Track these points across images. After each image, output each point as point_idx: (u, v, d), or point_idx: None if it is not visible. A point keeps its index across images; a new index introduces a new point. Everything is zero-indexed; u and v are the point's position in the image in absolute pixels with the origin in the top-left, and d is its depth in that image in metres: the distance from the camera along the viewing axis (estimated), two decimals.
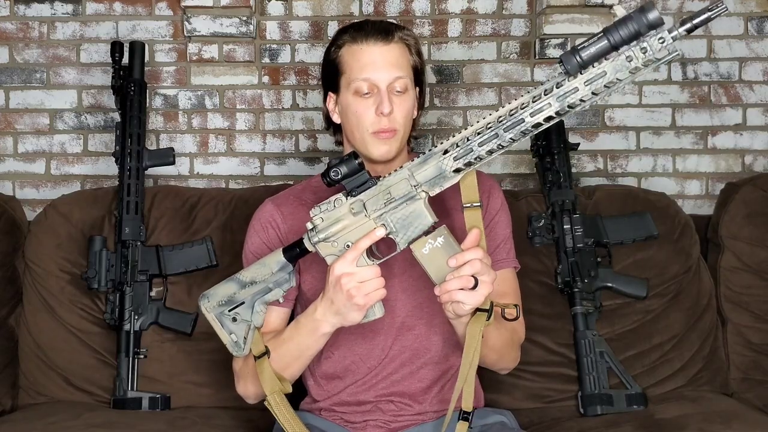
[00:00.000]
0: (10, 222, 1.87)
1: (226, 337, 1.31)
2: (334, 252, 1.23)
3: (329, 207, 1.23)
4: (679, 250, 1.85)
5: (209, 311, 1.31)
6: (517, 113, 1.11)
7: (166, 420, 1.61)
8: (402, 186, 1.20)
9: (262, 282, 1.29)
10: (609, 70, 1.04)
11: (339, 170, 1.20)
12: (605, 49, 1.02)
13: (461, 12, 2.28)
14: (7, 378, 1.80)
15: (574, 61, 1.04)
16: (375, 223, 1.21)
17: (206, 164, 2.27)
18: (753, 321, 1.86)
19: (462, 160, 1.16)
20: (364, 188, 1.21)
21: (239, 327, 1.30)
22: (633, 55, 1.02)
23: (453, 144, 1.17)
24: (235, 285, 1.30)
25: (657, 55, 1.01)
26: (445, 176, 1.18)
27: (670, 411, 1.61)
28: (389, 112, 1.36)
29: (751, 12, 2.29)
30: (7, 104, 2.24)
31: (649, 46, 1.01)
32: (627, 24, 1.00)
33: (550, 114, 1.10)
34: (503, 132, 1.12)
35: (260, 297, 1.30)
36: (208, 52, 2.23)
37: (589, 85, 1.06)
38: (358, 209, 1.21)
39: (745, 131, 2.30)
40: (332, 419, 1.45)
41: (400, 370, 1.42)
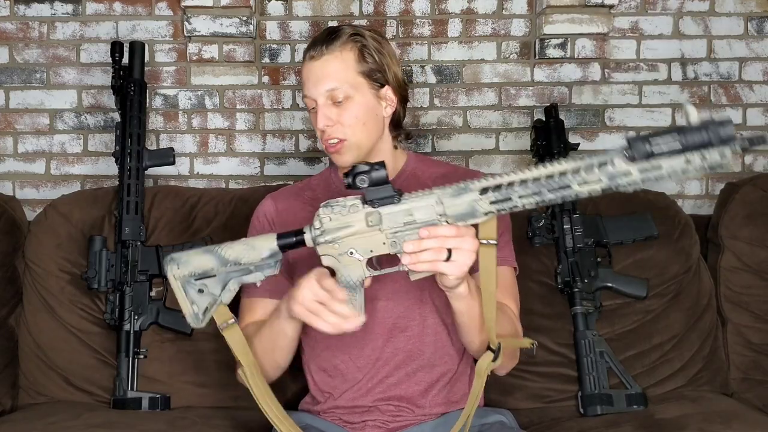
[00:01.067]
0: (10, 222, 1.87)
1: (188, 306, 1.23)
2: (334, 254, 1.19)
3: (342, 210, 1.18)
4: (679, 250, 1.85)
5: (176, 278, 1.23)
6: (567, 177, 1.07)
7: (166, 420, 1.61)
8: (426, 211, 1.15)
9: (247, 264, 1.22)
10: (665, 166, 1.04)
11: (365, 178, 1.16)
12: (675, 151, 1.03)
13: (461, 12, 2.28)
14: (7, 378, 1.80)
15: (644, 150, 1.03)
16: (387, 238, 1.17)
17: (206, 164, 2.27)
18: (753, 321, 1.86)
19: (497, 205, 1.12)
20: (385, 202, 1.17)
21: (203, 299, 1.23)
22: (692, 160, 1.03)
23: (493, 187, 1.12)
24: (214, 260, 1.22)
25: (712, 164, 1.03)
26: (475, 215, 1.14)
27: (670, 411, 1.61)
28: (324, 125, 1.39)
29: (751, 12, 2.29)
30: (7, 104, 2.24)
31: (709, 156, 1.02)
32: (702, 133, 1.02)
33: (596, 189, 1.07)
34: (547, 192, 1.08)
35: (237, 276, 1.23)
36: (208, 52, 2.23)
37: (642, 173, 1.05)
38: (375, 222, 1.17)
39: (745, 131, 2.30)
40: (331, 419, 1.45)
41: (395, 374, 1.42)
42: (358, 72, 1.40)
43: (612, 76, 2.28)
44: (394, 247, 1.18)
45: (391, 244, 1.17)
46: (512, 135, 2.28)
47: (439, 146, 2.27)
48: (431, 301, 1.42)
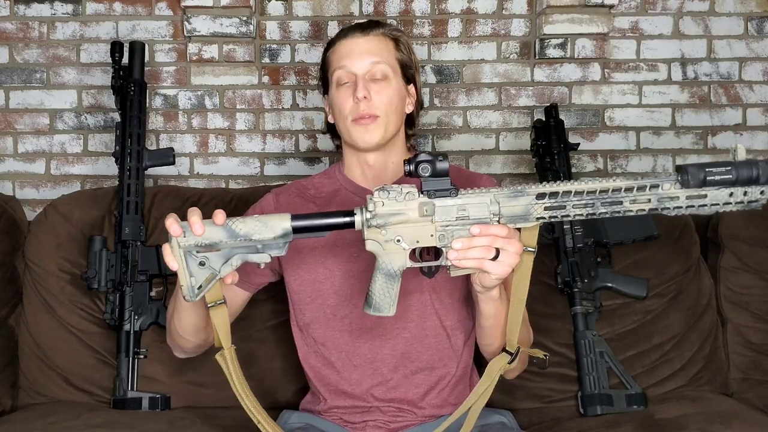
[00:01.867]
0: (10, 222, 1.87)
1: (186, 278, 1.18)
2: (380, 240, 1.17)
3: (398, 196, 1.16)
4: (679, 250, 1.85)
5: (180, 247, 1.18)
6: (620, 194, 1.12)
7: (166, 420, 1.61)
8: (480, 209, 1.16)
9: (257, 241, 1.17)
10: (710, 196, 1.10)
11: (428, 167, 1.15)
12: (726, 183, 1.09)
13: (461, 12, 2.28)
14: (7, 378, 1.80)
15: (699, 178, 1.09)
16: (436, 230, 1.17)
17: (206, 164, 2.27)
18: (753, 321, 1.86)
19: (551, 212, 1.14)
20: (441, 194, 1.17)
21: (202, 272, 1.19)
22: (736, 193, 1.10)
23: (550, 193, 1.14)
24: (223, 232, 1.17)
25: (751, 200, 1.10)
26: (527, 219, 1.16)
27: (670, 411, 1.61)
28: (364, 97, 1.39)
29: (751, 12, 2.29)
30: (7, 104, 2.24)
31: (751, 192, 1.09)
32: (753, 170, 1.08)
33: (644, 208, 1.13)
34: (599, 205, 1.13)
35: (243, 253, 1.19)
36: (208, 52, 2.23)
37: (689, 199, 1.11)
38: (429, 212, 1.16)
39: (745, 131, 2.30)
40: (332, 419, 1.45)
41: (393, 375, 1.42)
42: (395, 58, 1.45)
43: (612, 76, 2.28)
44: (441, 240, 1.17)
45: (439, 237, 1.17)
46: (512, 135, 2.28)
47: (439, 146, 2.27)
48: (431, 304, 1.42)
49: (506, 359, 1.26)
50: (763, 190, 1.08)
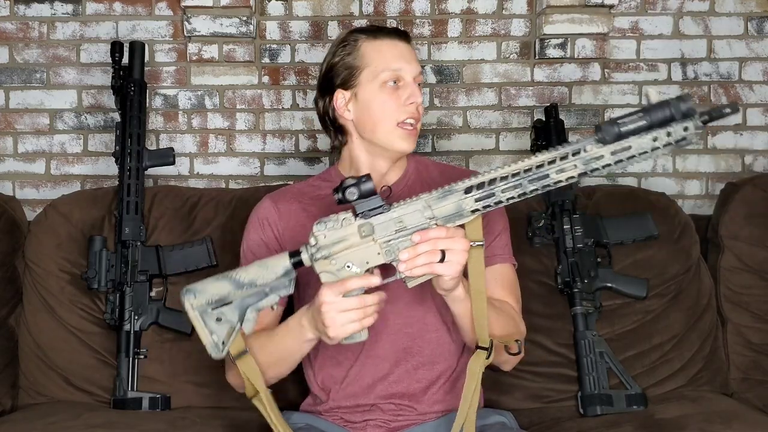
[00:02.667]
0: (10, 222, 1.87)
1: (207, 337, 1.22)
2: (332, 270, 1.21)
3: (336, 225, 1.20)
4: (679, 250, 1.85)
5: (194, 308, 1.22)
6: (544, 168, 1.13)
7: (166, 420, 1.61)
8: (415, 217, 1.19)
9: (262, 285, 1.23)
10: (634, 145, 1.10)
11: (354, 191, 1.18)
12: (642, 128, 1.09)
13: (461, 12, 2.28)
14: (7, 378, 1.80)
15: (614, 131, 1.10)
16: (380, 248, 1.20)
17: (206, 164, 2.27)
18: (753, 321, 1.86)
19: (482, 202, 1.17)
20: (375, 212, 1.20)
21: (222, 327, 1.22)
22: (658, 136, 1.09)
23: (476, 185, 1.17)
24: (230, 284, 1.22)
25: (677, 138, 1.09)
26: (462, 215, 1.18)
27: (670, 411, 1.61)
28: (420, 101, 1.41)
29: (751, 12, 2.29)
30: (7, 104, 2.24)
31: (674, 131, 1.09)
32: (665, 109, 1.08)
33: (573, 175, 1.13)
34: (527, 183, 1.14)
35: (254, 302, 1.23)
36: (208, 52, 2.23)
37: (614, 155, 1.11)
38: (368, 232, 1.20)
39: (745, 131, 2.30)
40: (333, 419, 1.45)
41: (395, 371, 1.42)
42: None
43: (612, 76, 2.28)
44: (388, 255, 1.20)
45: (386, 253, 1.20)
46: (512, 135, 2.28)
47: (439, 146, 2.27)
48: (431, 299, 1.42)
49: (483, 356, 1.26)
50: (686, 126, 1.07)
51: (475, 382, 1.26)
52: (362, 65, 1.42)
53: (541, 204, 1.88)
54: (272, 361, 1.34)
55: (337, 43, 1.47)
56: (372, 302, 1.20)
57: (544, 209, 1.86)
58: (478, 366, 1.27)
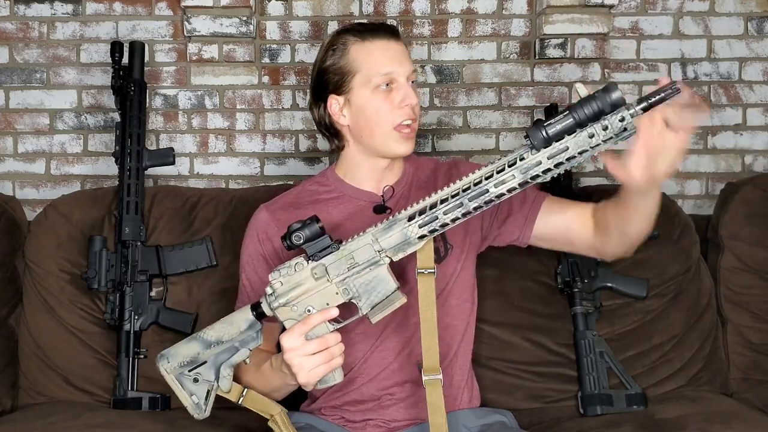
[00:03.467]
0: (10, 222, 1.87)
1: (187, 399, 1.26)
2: (294, 317, 1.21)
3: (289, 271, 1.21)
4: (679, 250, 1.85)
5: (169, 372, 1.26)
6: (481, 184, 1.13)
7: (166, 420, 1.61)
8: (365, 251, 1.20)
9: (229, 341, 1.24)
10: (571, 145, 1.08)
11: (301, 235, 1.19)
12: (570, 126, 1.07)
13: (461, 12, 2.27)
14: (7, 378, 1.80)
15: (540, 136, 1.08)
16: (337, 287, 1.20)
17: (206, 164, 2.27)
18: (753, 321, 1.86)
19: (427, 227, 1.17)
20: (326, 252, 1.20)
21: (200, 388, 1.26)
22: (595, 132, 1.07)
23: (417, 211, 1.17)
24: (198, 345, 1.25)
25: (616, 131, 1.06)
26: (410, 242, 1.19)
27: (670, 411, 1.61)
28: (415, 102, 1.39)
29: (751, 12, 2.29)
30: (7, 104, 2.24)
31: (610, 124, 1.06)
32: (591, 103, 1.05)
33: (514, 185, 1.12)
34: (468, 201, 1.14)
35: (226, 358, 1.24)
36: (208, 52, 2.23)
37: (551, 159, 1.09)
38: (321, 274, 1.20)
39: (745, 131, 2.30)
40: (332, 419, 1.45)
41: (393, 375, 1.42)
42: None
43: (612, 76, 2.28)
44: (346, 294, 1.21)
45: (343, 291, 1.21)
46: (512, 135, 2.28)
47: (439, 146, 2.27)
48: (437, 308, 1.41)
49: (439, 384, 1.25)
50: (621, 116, 1.05)
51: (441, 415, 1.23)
52: (353, 70, 1.39)
53: None
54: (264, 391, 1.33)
55: (326, 46, 1.44)
56: (335, 342, 1.20)
57: None
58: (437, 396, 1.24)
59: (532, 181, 1.12)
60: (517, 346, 1.77)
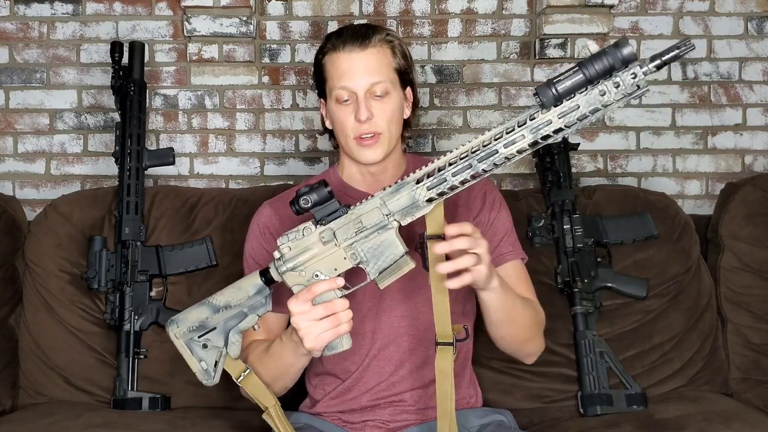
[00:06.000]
0: (10, 222, 1.87)
1: (196, 364, 1.25)
2: (302, 282, 1.21)
3: (297, 235, 1.20)
4: (679, 250, 1.85)
5: (178, 337, 1.25)
6: (490, 144, 1.11)
7: (166, 420, 1.61)
8: (374, 215, 1.18)
9: (237, 306, 1.24)
10: (582, 103, 1.05)
11: (309, 198, 1.18)
12: (580, 83, 1.04)
13: (461, 12, 2.27)
14: (7, 378, 1.80)
15: (549, 93, 1.04)
16: (345, 252, 1.19)
17: (206, 164, 2.27)
18: (753, 321, 1.86)
19: (435, 189, 1.15)
20: (333, 216, 1.19)
21: (209, 354, 1.25)
22: (606, 89, 1.03)
23: (426, 174, 1.16)
24: (207, 309, 1.25)
25: (628, 89, 1.03)
26: (418, 206, 1.17)
27: (670, 411, 1.61)
28: (366, 119, 1.37)
29: (751, 12, 2.29)
30: (7, 104, 2.24)
31: (621, 81, 1.03)
32: (602, 59, 1.02)
33: (524, 146, 1.10)
34: (477, 162, 1.12)
35: (234, 324, 1.24)
36: (208, 52, 2.23)
37: (562, 117, 1.06)
38: (328, 238, 1.19)
39: (745, 131, 2.30)
40: (331, 420, 1.45)
41: (394, 373, 1.42)
42: (393, 68, 1.42)
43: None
44: (354, 259, 1.20)
45: (351, 256, 1.20)
46: None
47: (439, 146, 2.27)
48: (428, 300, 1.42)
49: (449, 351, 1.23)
50: (633, 73, 1.02)
51: (448, 382, 1.23)
52: (325, 78, 1.43)
53: (541, 204, 1.88)
54: (274, 375, 1.33)
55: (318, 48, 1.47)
56: (342, 308, 1.19)
57: (544, 209, 1.86)
58: (447, 363, 1.23)
59: (543, 141, 1.09)
60: None
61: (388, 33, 1.43)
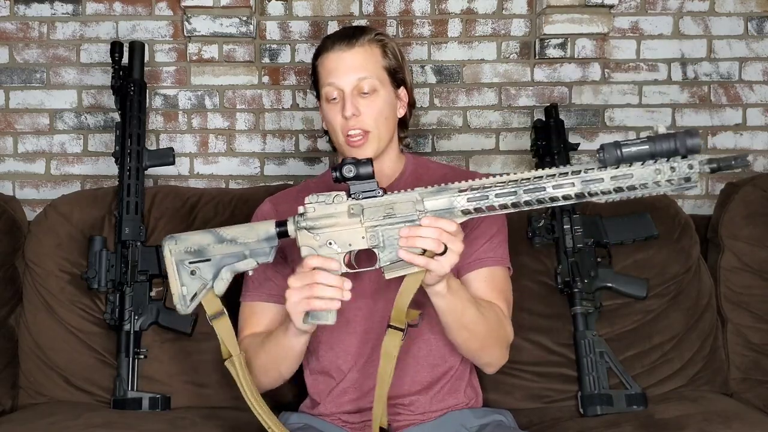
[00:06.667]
0: (10, 222, 1.87)
1: (177, 287, 1.24)
2: (313, 245, 1.21)
3: (327, 199, 1.22)
4: (679, 250, 1.85)
5: (172, 254, 1.24)
6: (542, 180, 1.13)
7: (166, 420, 1.61)
8: (407, 207, 1.19)
9: (242, 245, 1.23)
10: (636, 174, 1.09)
11: (352, 168, 1.20)
12: (644, 154, 1.09)
13: (461, 12, 2.27)
14: (7, 378, 1.80)
15: (615, 153, 1.09)
16: (366, 231, 1.20)
17: (206, 164, 2.27)
18: (753, 321, 1.86)
19: (474, 203, 1.17)
20: (368, 195, 1.21)
21: (194, 282, 1.24)
22: (662, 169, 1.08)
23: (470, 186, 1.17)
24: (211, 237, 1.24)
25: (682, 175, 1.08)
26: (452, 212, 1.18)
27: (670, 411, 1.61)
28: (351, 115, 1.39)
29: (751, 12, 2.29)
30: (7, 104, 2.24)
31: (678, 166, 1.08)
32: (671, 140, 1.07)
33: (569, 193, 1.13)
34: (522, 192, 1.14)
35: (231, 262, 1.24)
36: (208, 52, 2.23)
37: (613, 180, 1.10)
38: (357, 212, 1.20)
39: (745, 131, 2.30)
40: (330, 420, 1.45)
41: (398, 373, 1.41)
42: (383, 67, 1.44)
43: (612, 76, 2.28)
44: (372, 241, 1.20)
45: (370, 237, 1.20)
46: (512, 135, 2.28)
47: (439, 146, 2.27)
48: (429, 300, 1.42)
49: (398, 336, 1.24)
50: (690, 164, 1.07)
51: (390, 364, 1.24)
52: (317, 79, 1.47)
53: None
54: (275, 358, 1.34)
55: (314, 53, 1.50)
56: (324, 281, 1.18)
57: (544, 209, 1.86)
58: (392, 346, 1.24)
59: (588, 196, 1.12)
60: (517, 346, 1.75)
61: (378, 33, 1.46)
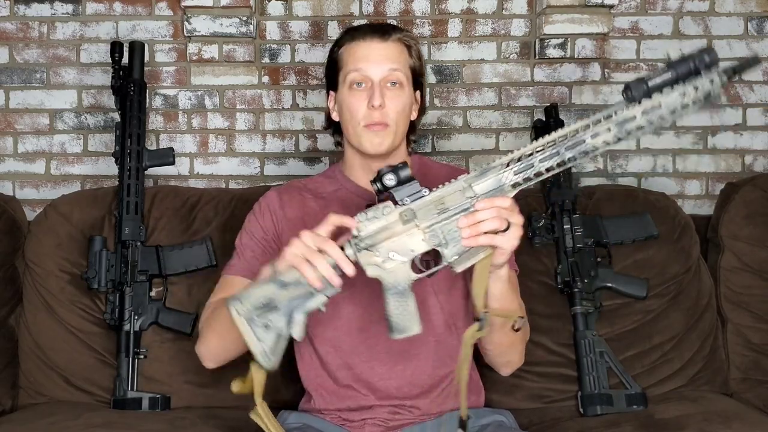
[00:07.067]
0: (10, 222, 1.87)
1: (256, 344, 1.17)
2: (377, 262, 1.18)
3: (376, 214, 1.18)
4: (679, 250, 1.85)
5: (241, 314, 1.17)
6: (578, 134, 1.14)
7: (166, 420, 1.61)
8: (456, 197, 1.17)
9: (306, 284, 1.16)
10: (664, 103, 1.10)
11: (393, 177, 1.17)
12: (669, 82, 1.11)
13: (461, 12, 2.27)
14: (7, 378, 1.80)
15: (642, 87, 1.11)
16: (424, 233, 1.17)
17: (206, 164, 2.27)
18: (753, 321, 1.86)
19: (522, 174, 1.16)
20: (414, 197, 1.18)
21: (269, 335, 1.17)
22: (686, 91, 1.10)
23: (514, 159, 1.16)
24: (274, 286, 1.17)
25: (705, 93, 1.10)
26: (503, 189, 1.17)
27: (670, 411, 1.61)
28: (380, 105, 1.38)
29: (751, 12, 2.29)
30: (7, 104, 2.24)
31: (701, 85, 1.10)
32: (689, 62, 1.11)
33: (608, 138, 1.13)
34: (564, 150, 1.14)
35: (300, 303, 1.17)
36: (208, 52, 2.23)
37: (645, 115, 1.11)
38: (410, 217, 1.17)
39: (745, 131, 2.30)
40: (330, 419, 1.45)
41: (394, 375, 1.42)
42: (409, 66, 1.45)
43: (612, 76, 2.28)
44: (433, 240, 1.18)
45: (430, 238, 1.18)
46: (512, 135, 2.28)
47: (439, 146, 2.27)
48: (436, 301, 1.42)
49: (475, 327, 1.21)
50: (711, 79, 1.09)
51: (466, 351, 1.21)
52: (340, 67, 1.45)
53: (541, 204, 1.88)
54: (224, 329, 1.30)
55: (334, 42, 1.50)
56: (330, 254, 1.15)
57: (544, 209, 1.86)
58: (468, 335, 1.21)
59: (627, 136, 1.12)
60: None
61: (407, 33, 1.47)
